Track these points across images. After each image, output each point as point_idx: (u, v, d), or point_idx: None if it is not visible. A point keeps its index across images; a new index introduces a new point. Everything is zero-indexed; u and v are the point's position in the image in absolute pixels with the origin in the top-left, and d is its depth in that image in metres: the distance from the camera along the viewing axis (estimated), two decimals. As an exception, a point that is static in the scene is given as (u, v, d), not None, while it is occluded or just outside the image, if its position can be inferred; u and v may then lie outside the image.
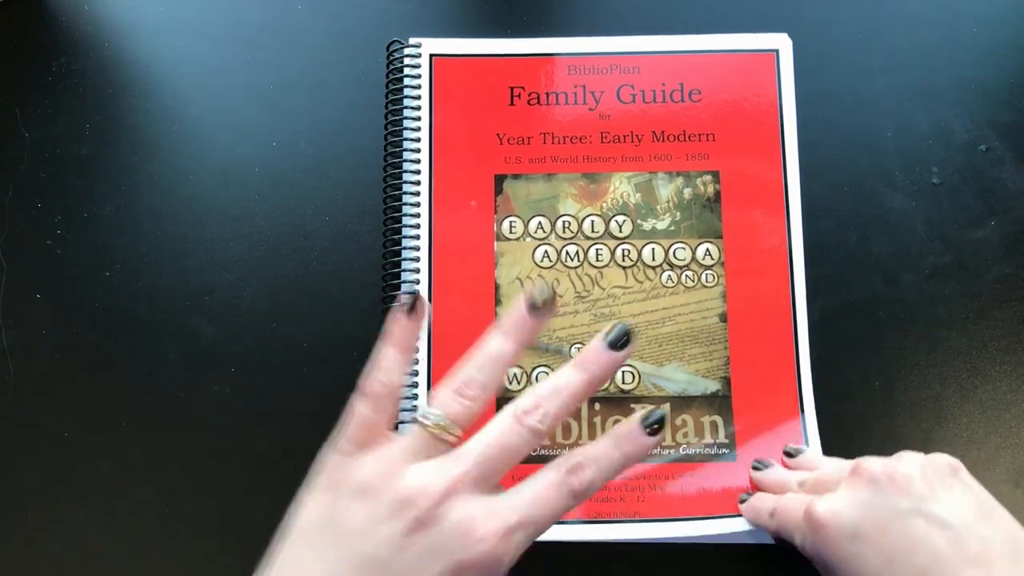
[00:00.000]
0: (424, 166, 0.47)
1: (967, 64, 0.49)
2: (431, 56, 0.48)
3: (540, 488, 0.30)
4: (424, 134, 0.47)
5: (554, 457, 0.31)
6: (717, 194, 0.46)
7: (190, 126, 0.50)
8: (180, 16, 0.52)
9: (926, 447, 0.37)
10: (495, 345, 0.32)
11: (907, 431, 0.44)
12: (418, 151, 0.47)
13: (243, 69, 0.51)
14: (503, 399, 0.44)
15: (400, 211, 0.46)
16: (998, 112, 0.48)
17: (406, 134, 0.47)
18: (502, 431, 0.31)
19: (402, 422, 0.43)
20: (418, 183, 0.46)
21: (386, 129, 0.47)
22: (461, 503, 0.29)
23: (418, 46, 0.48)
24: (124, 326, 0.47)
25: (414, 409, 0.43)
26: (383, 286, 0.45)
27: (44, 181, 0.49)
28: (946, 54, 0.49)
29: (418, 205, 0.46)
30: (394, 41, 0.48)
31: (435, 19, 0.51)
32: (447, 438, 0.31)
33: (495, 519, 0.29)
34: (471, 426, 0.32)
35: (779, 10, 0.50)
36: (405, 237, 0.46)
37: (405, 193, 0.46)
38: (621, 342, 0.32)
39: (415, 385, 0.44)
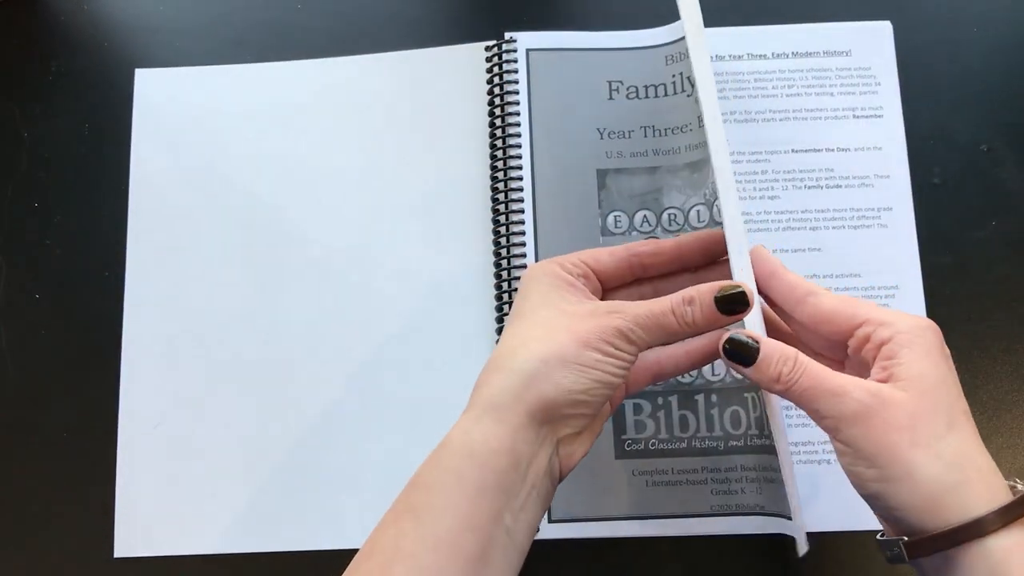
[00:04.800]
0: (526, 162, 0.47)
1: (968, 64, 0.49)
2: (527, 51, 0.48)
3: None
4: (524, 130, 0.47)
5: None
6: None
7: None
8: (181, 16, 0.51)
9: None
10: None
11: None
12: (519, 147, 0.47)
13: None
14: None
15: (505, 209, 0.47)
16: (999, 112, 0.48)
17: (508, 130, 0.47)
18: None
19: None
20: (520, 179, 0.47)
21: (490, 127, 0.48)
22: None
23: (513, 41, 0.48)
24: (124, 326, 0.47)
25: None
26: (496, 283, 0.46)
27: (44, 181, 0.49)
28: (946, 54, 0.49)
29: (522, 201, 0.47)
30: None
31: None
32: None
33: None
34: None
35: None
36: (512, 234, 0.46)
37: (510, 190, 0.47)
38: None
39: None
